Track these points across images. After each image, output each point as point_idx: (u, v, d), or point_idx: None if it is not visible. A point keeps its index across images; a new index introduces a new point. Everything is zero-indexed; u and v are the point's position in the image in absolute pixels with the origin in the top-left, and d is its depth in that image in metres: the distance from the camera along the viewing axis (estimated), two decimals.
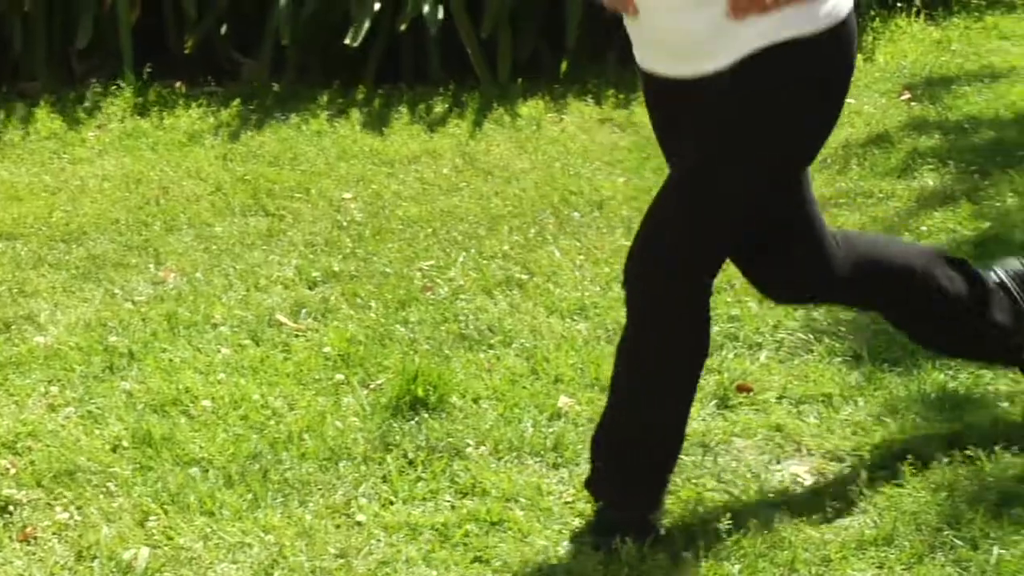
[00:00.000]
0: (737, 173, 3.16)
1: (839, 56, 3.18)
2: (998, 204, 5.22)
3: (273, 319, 4.48)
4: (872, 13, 7.75)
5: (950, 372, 3.98)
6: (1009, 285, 3.62)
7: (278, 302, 4.61)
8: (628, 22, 3.28)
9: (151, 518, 3.40)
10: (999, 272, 3.64)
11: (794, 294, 3.52)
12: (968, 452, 3.57)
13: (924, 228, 5.03)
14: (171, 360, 4.21)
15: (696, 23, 3.11)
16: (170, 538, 3.33)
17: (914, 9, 7.90)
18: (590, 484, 3.36)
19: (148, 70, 6.95)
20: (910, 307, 3.53)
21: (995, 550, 3.15)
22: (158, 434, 3.75)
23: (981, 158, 5.69)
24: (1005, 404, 3.80)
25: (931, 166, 5.66)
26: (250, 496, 3.49)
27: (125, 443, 3.74)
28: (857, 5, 8.15)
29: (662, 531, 3.27)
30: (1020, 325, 3.60)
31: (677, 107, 3.27)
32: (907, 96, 6.63)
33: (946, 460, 3.55)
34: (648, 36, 3.23)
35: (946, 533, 3.24)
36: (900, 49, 7.40)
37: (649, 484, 3.31)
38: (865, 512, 3.36)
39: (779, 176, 3.24)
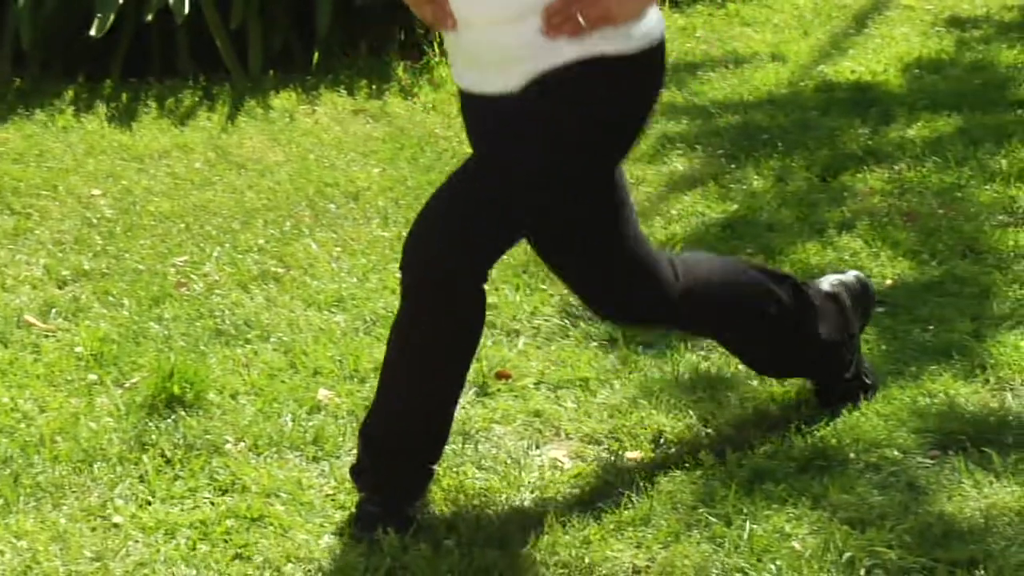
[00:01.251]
0: (528, 169, 3.16)
1: (648, 78, 3.25)
2: (745, 187, 5.35)
3: (22, 320, 4.38)
4: None
5: (702, 353, 4.07)
6: (842, 295, 3.70)
7: (26, 302, 4.50)
8: (447, 38, 3.29)
9: None
10: (830, 283, 3.72)
11: (626, 318, 3.54)
12: (721, 430, 3.66)
13: (674, 212, 5.14)
14: None
15: (513, 37, 3.13)
16: None
17: None
18: (354, 473, 3.35)
19: None
20: (748, 330, 3.60)
21: (748, 525, 3.24)
22: None
23: (728, 142, 5.83)
24: (755, 383, 3.89)
25: (680, 151, 5.77)
26: (1, 502, 3.41)
27: None
28: None
29: (423, 520, 3.28)
30: (846, 338, 3.68)
31: (486, 122, 3.27)
32: None
33: (700, 439, 3.63)
34: (465, 51, 3.23)
35: (701, 511, 3.31)
36: None
37: (412, 475, 3.32)
38: (623, 493, 3.41)
39: (570, 185, 3.23)
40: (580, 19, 3.08)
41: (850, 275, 3.79)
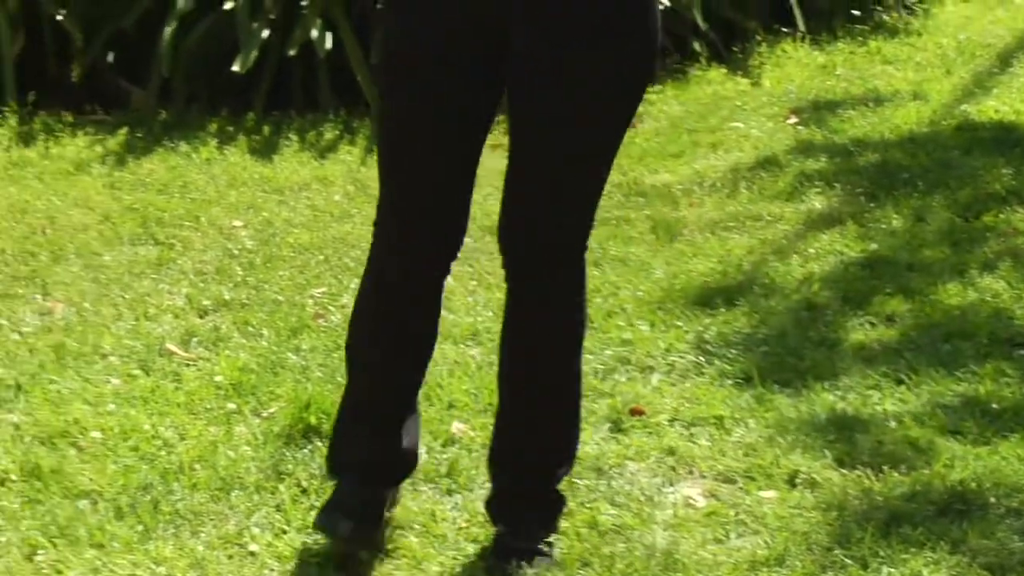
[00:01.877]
0: (634, 105, 3.12)
1: None
2: (884, 226, 5.30)
3: (163, 348, 4.44)
4: (759, 38, 7.84)
5: (839, 393, 4.03)
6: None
7: (168, 331, 4.57)
8: None
9: (40, 552, 3.36)
10: None
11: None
12: (857, 472, 3.62)
13: (812, 250, 5.09)
14: (59, 391, 4.15)
15: None
16: (59, 572, 3.29)
17: (799, 34, 8.00)
18: (488, 506, 3.36)
19: (32, 99, 6.88)
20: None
21: (884, 569, 3.19)
22: (47, 466, 3.70)
23: (867, 180, 5.77)
24: (892, 424, 3.85)
25: (818, 189, 5.72)
26: (141, 528, 3.46)
27: (13, 476, 3.69)
28: (744, 31, 8.28)
29: (557, 555, 3.28)
30: None
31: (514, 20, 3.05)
32: (794, 120, 6.70)
33: (836, 480, 3.59)
34: None
35: (836, 552, 3.27)
36: (786, 73, 7.48)
37: (545, 508, 3.32)
38: (757, 533, 3.38)
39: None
40: None
41: None
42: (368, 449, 3.33)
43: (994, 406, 3.94)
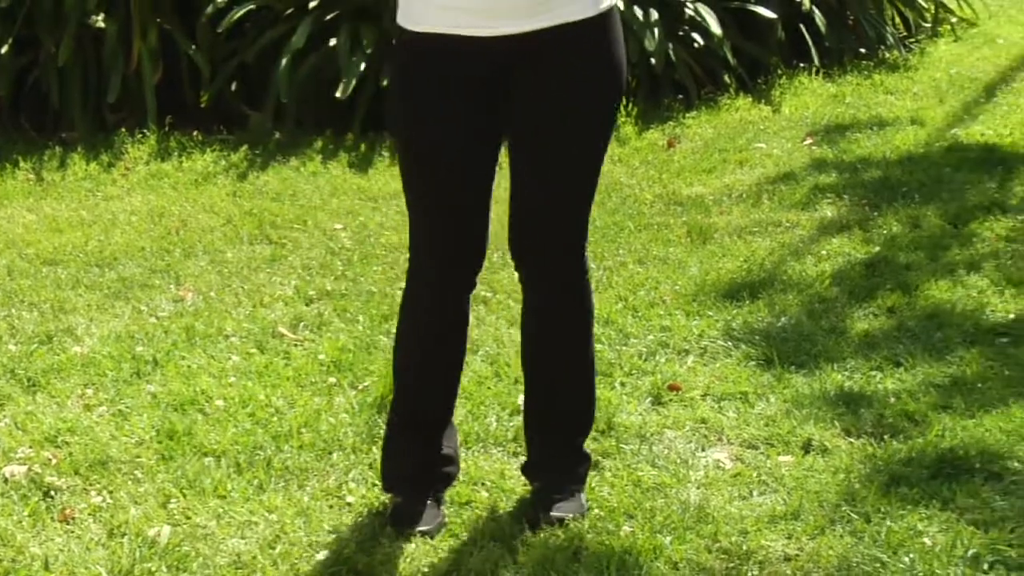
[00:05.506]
0: (609, 126, 3.06)
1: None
2: (885, 231, 5.25)
3: (276, 331, 4.46)
4: (779, 72, 7.79)
5: (846, 373, 3.99)
6: None
7: (280, 316, 4.58)
8: None
9: (172, 500, 3.38)
10: None
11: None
12: (862, 440, 3.59)
13: (824, 252, 5.05)
14: (189, 366, 4.18)
15: None
16: (188, 517, 3.30)
17: (814, 68, 7.95)
18: (525, 469, 3.36)
19: (169, 121, 6.92)
20: None
21: (885, 522, 3.16)
22: (179, 429, 3.72)
23: (871, 193, 5.72)
24: (892, 400, 3.81)
25: (829, 200, 5.68)
26: (256, 482, 3.47)
27: (150, 437, 3.71)
28: (766, 66, 8.22)
29: (604, 509, 3.26)
30: None
31: (512, 67, 2.97)
32: (809, 141, 6.65)
33: (844, 447, 3.56)
34: None
35: (844, 508, 3.24)
36: (803, 102, 7.43)
37: (573, 465, 3.29)
38: (776, 491, 3.35)
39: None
40: None
41: None
42: (416, 462, 3.27)
43: (979, 385, 3.89)
